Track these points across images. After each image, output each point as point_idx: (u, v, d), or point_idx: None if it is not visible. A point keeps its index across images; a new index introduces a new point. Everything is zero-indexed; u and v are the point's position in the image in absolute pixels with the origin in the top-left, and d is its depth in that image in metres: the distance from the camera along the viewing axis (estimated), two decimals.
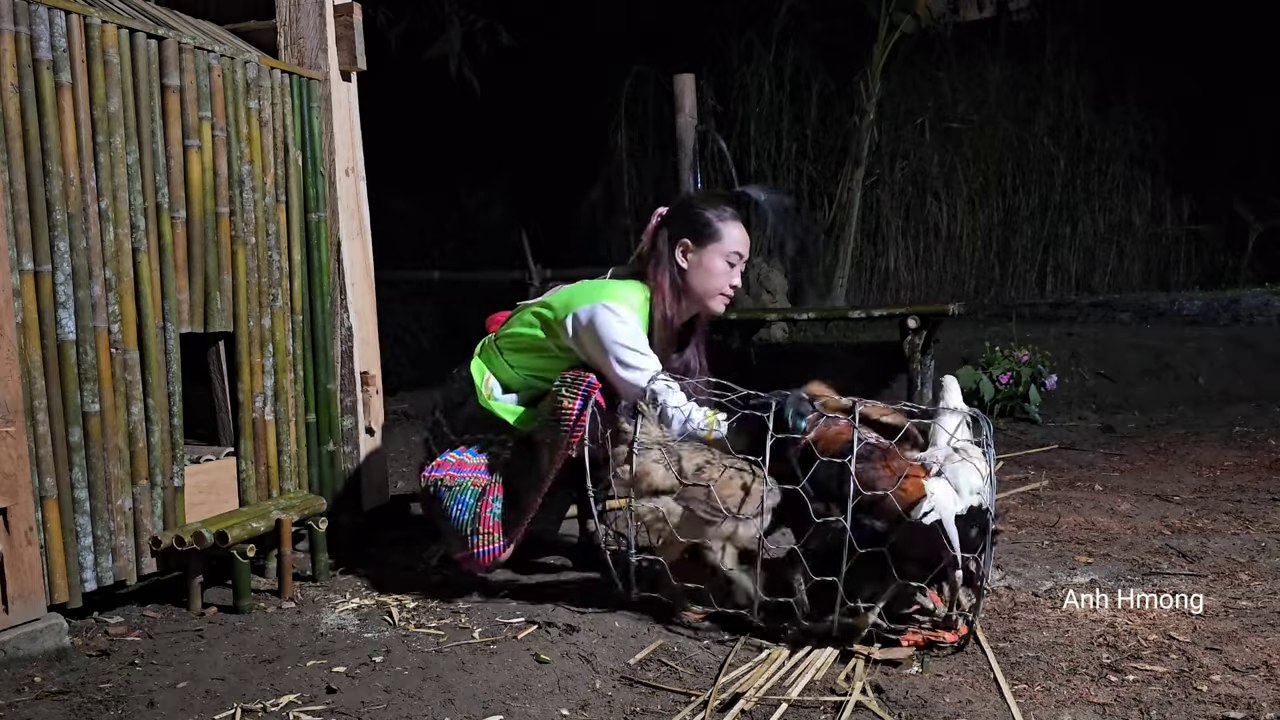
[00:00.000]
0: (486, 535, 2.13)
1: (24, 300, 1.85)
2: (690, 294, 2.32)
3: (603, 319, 2.18)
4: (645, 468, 1.97)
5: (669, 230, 2.32)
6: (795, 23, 7.84)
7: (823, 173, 7.82)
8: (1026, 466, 3.60)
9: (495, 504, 2.14)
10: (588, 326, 2.20)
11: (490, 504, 2.14)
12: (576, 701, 1.65)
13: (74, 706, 1.62)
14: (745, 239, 2.34)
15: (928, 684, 1.70)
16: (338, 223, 2.64)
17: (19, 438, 1.79)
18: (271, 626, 2.02)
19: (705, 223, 2.30)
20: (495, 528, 2.13)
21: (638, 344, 2.19)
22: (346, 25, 2.65)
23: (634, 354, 2.17)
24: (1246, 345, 5.40)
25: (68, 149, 1.92)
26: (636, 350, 2.18)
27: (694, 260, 2.30)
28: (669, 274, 2.30)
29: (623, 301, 2.22)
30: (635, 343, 2.18)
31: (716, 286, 2.31)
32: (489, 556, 2.12)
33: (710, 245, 2.29)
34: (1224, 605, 2.03)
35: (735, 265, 2.31)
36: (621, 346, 2.17)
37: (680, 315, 2.34)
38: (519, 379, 2.33)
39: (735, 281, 2.33)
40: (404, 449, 4.12)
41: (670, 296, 2.30)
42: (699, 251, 2.29)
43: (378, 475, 2.79)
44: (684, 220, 2.32)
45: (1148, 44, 7.64)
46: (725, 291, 2.33)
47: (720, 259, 2.29)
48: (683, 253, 2.30)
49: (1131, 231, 8.03)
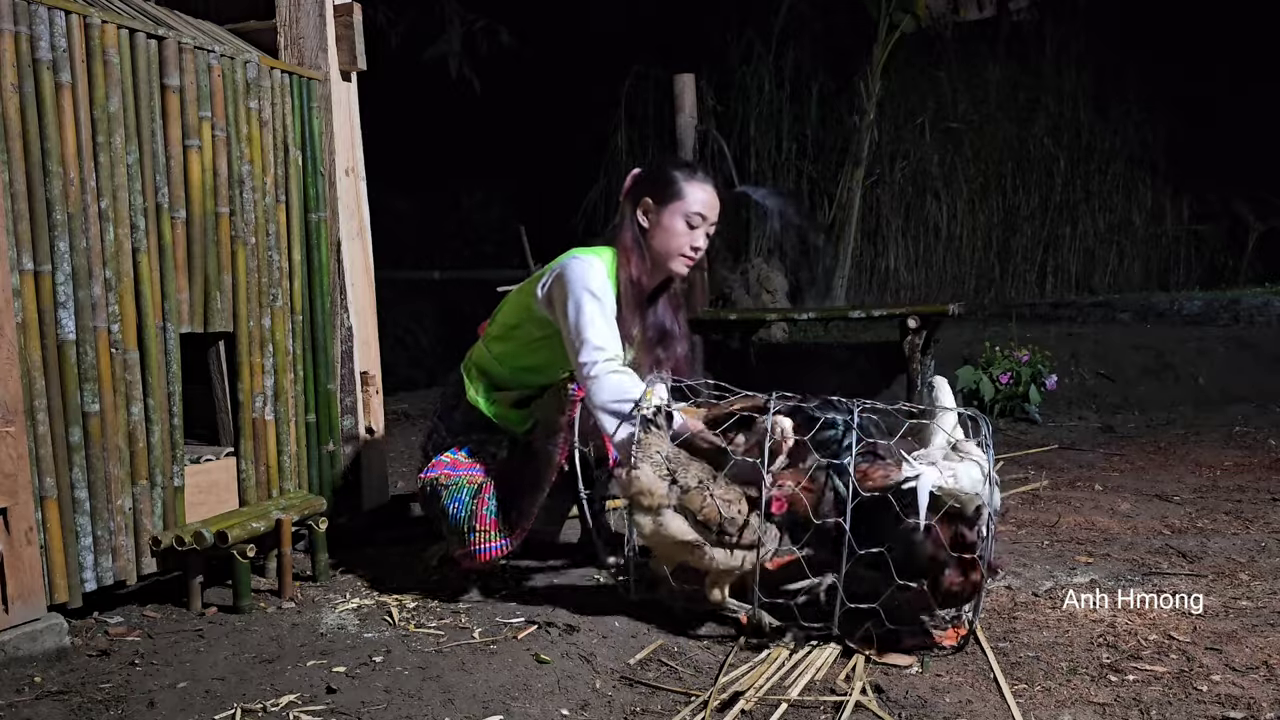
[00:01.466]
0: (484, 533, 2.13)
1: (24, 300, 1.85)
2: (652, 254, 2.27)
3: (573, 267, 2.19)
4: (648, 484, 1.91)
5: (635, 189, 2.31)
6: (795, 22, 7.84)
7: (823, 173, 7.82)
8: (1026, 466, 3.60)
9: (491, 501, 2.15)
10: (558, 278, 2.19)
11: (486, 501, 2.15)
12: (576, 701, 1.65)
13: (74, 706, 1.62)
14: (711, 200, 2.27)
15: (928, 684, 1.70)
16: (338, 223, 2.64)
17: (19, 438, 1.79)
18: (271, 626, 2.02)
19: (668, 181, 2.26)
20: (492, 525, 2.13)
21: (604, 294, 2.16)
22: (346, 25, 2.65)
23: (596, 304, 2.14)
24: (1246, 345, 5.40)
25: (68, 149, 1.92)
26: (599, 300, 2.15)
27: (654, 219, 2.27)
28: (631, 233, 2.28)
29: (595, 255, 2.23)
30: (602, 292, 2.16)
31: (676, 247, 2.26)
32: (488, 554, 2.12)
33: (671, 204, 2.25)
34: (1224, 605, 2.03)
35: (698, 227, 2.25)
36: (588, 293, 2.14)
37: (647, 275, 2.30)
38: (508, 375, 2.33)
39: (697, 243, 2.28)
40: (404, 449, 4.11)
41: (634, 256, 2.26)
42: (659, 210, 2.26)
43: (378, 475, 2.79)
44: (650, 179, 2.30)
45: (1148, 44, 7.64)
46: (685, 253, 2.28)
47: (680, 219, 2.25)
48: (644, 211, 2.27)
49: (1131, 231, 8.03)
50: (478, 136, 8.29)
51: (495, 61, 7.92)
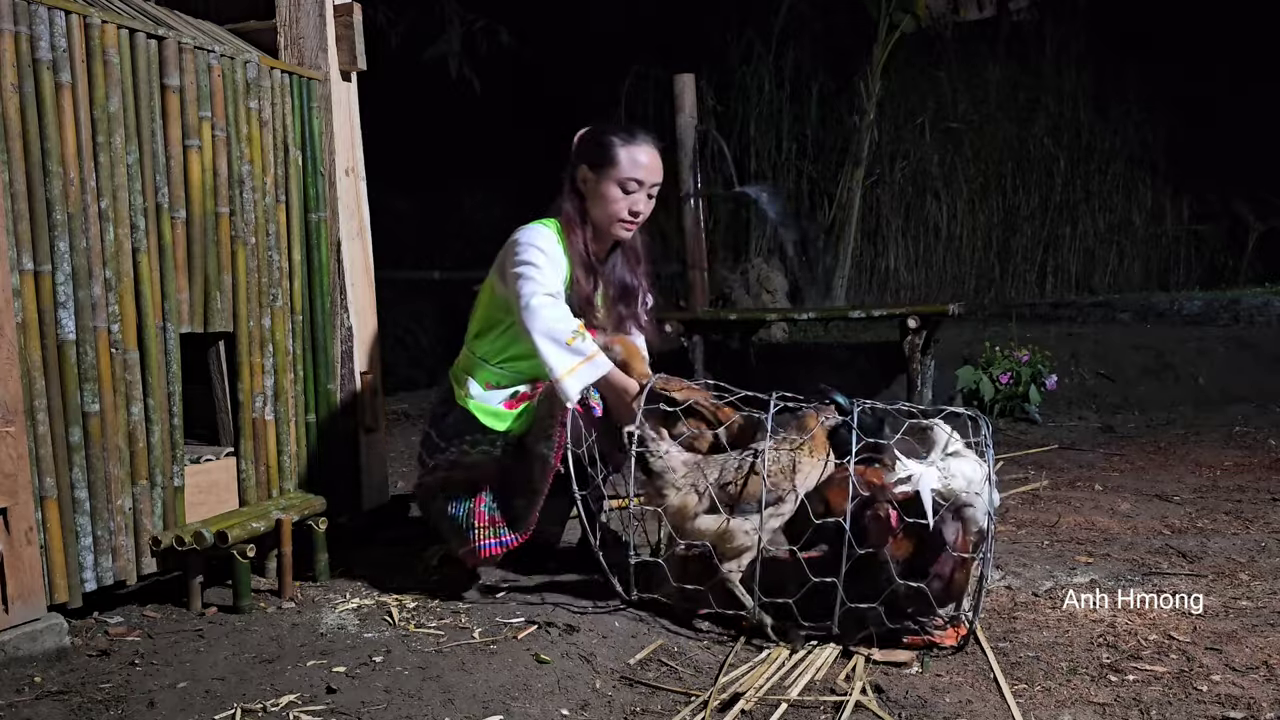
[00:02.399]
0: (483, 529, 2.15)
1: (24, 300, 1.85)
2: (593, 221, 2.28)
3: (519, 234, 2.23)
4: (683, 503, 1.95)
5: (574, 158, 2.31)
6: (795, 22, 7.84)
7: (823, 173, 7.82)
8: (1026, 466, 3.60)
9: (488, 499, 2.16)
10: (506, 247, 2.23)
11: (483, 499, 2.16)
12: (576, 701, 1.65)
13: (74, 706, 1.62)
14: (649, 163, 2.26)
15: (928, 684, 1.70)
16: (338, 223, 2.64)
17: (19, 438, 1.79)
18: (271, 626, 2.02)
19: (603, 147, 2.25)
20: (491, 521, 2.14)
21: (549, 250, 2.19)
22: (346, 25, 2.65)
23: (540, 254, 2.16)
24: (1246, 345, 5.40)
25: (68, 149, 1.92)
26: (544, 252, 2.17)
27: (592, 188, 2.27)
28: (571, 201, 2.29)
29: (541, 224, 2.26)
30: (548, 248, 2.19)
31: (613, 214, 2.26)
32: (488, 551, 2.13)
33: (607, 170, 2.24)
34: (1224, 605, 2.03)
35: (634, 192, 2.25)
36: (533, 248, 2.17)
37: (594, 243, 2.31)
38: (498, 370, 2.33)
39: (636, 208, 2.27)
40: (404, 449, 4.11)
41: (577, 226, 2.28)
42: (597, 179, 2.26)
43: (378, 475, 2.79)
44: (586, 146, 2.30)
45: (1148, 44, 7.63)
46: (623, 219, 2.27)
47: (615, 185, 2.24)
48: (582, 180, 2.28)
49: (1131, 231, 8.03)
50: (478, 136, 8.28)
51: (495, 61, 7.91)
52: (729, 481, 1.94)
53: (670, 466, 1.98)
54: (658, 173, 2.29)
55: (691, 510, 1.94)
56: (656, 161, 2.29)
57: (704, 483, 1.95)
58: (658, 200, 2.36)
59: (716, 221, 7.61)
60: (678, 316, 5.29)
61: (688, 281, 5.65)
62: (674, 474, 1.97)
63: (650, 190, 2.29)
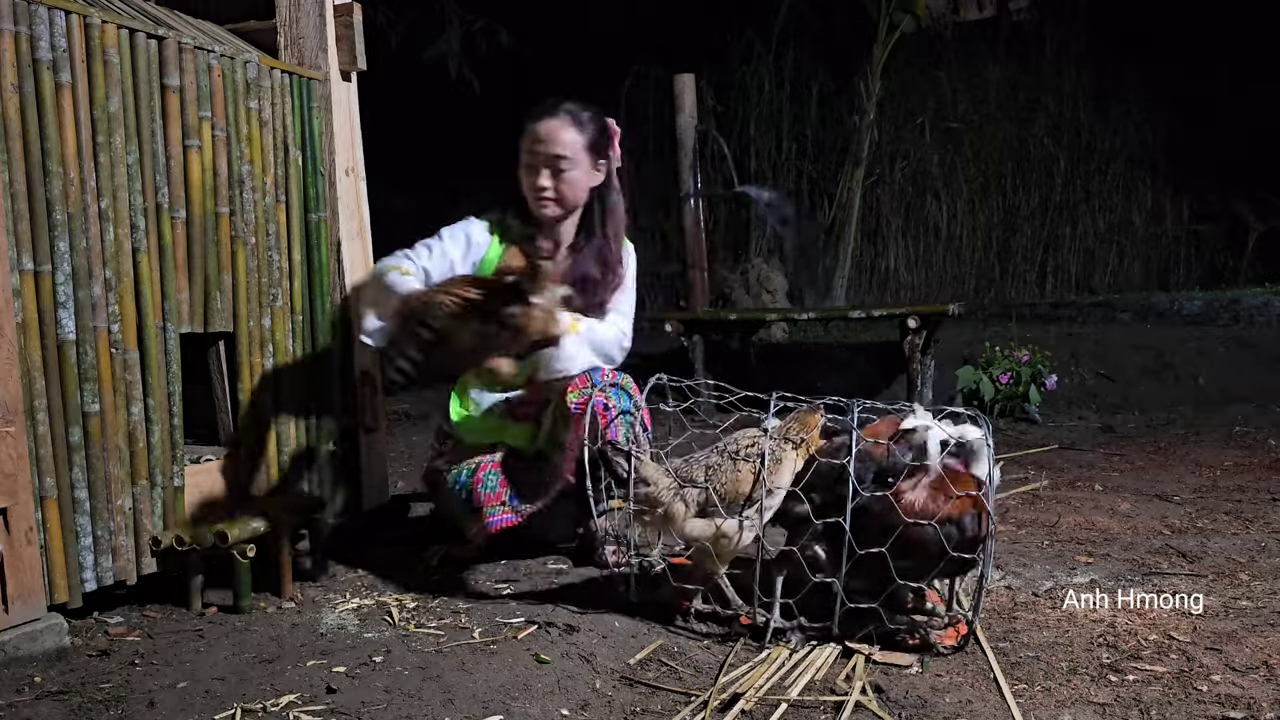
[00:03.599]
0: (484, 508, 2.21)
1: (24, 300, 1.85)
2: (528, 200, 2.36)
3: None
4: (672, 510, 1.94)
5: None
6: (795, 23, 7.85)
7: (823, 173, 7.83)
8: (1026, 466, 3.60)
9: (489, 478, 2.21)
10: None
11: (482, 479, 2.21)
12: (576, 701, 1.65)
13: (74, 706, 1.62)
14: (546, 134, 2.27)
15: (928, 684, 1.70)
16: (338, 223, 2.64)
17: (19, 438, 1.79)
18: (271, 626, 2.02)
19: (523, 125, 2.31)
20: (488, 499, 2.20)
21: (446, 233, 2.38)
22: (346, 25, 2.65)
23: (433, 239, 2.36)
24: (1246, 345, 5.40)
25: (68, 149, 1.92)
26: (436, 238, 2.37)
27: (521, 164, 2.34)
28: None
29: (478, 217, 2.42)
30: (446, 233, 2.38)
31: (528, 189, 2.32)
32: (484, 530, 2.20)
33: (522, 147, 2.31)
34: (1224, 605, 2.03)
35: (539, 166, 2.27)
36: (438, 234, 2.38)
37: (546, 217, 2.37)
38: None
39: (540, 182, 2.29)
40: (404, 449, 4.12)
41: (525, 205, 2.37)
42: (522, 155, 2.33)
43: (378, 475, 2.79)
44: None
45: (1148, 44, 7.64)
46: (534, 196, 2.32)
47: (526, 160, 2.29)
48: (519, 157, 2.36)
49: (1131, 231, 8.03)
50: (478, 136, 8.28)
51: (495, 61, 7.92)
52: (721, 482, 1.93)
53: (646, 477, 1.96)
54: (556, 144, 2.28)
55: (680, 516, 1.93)
56: (555, 134, 2.27)
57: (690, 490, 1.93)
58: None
59: (716, 221, 7.61)
60: (678, 316, 5.29)
61: (688, 281, 5.66)
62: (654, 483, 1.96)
63: (551, 163, 2.28)
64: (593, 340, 2.20)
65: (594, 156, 2.34)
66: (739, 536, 1.90)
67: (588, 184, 2.34)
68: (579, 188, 2.32)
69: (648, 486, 1.93)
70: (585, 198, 2.35)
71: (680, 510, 1.93)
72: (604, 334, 2.24)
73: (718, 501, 1.89)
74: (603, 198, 2.38)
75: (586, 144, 2.31)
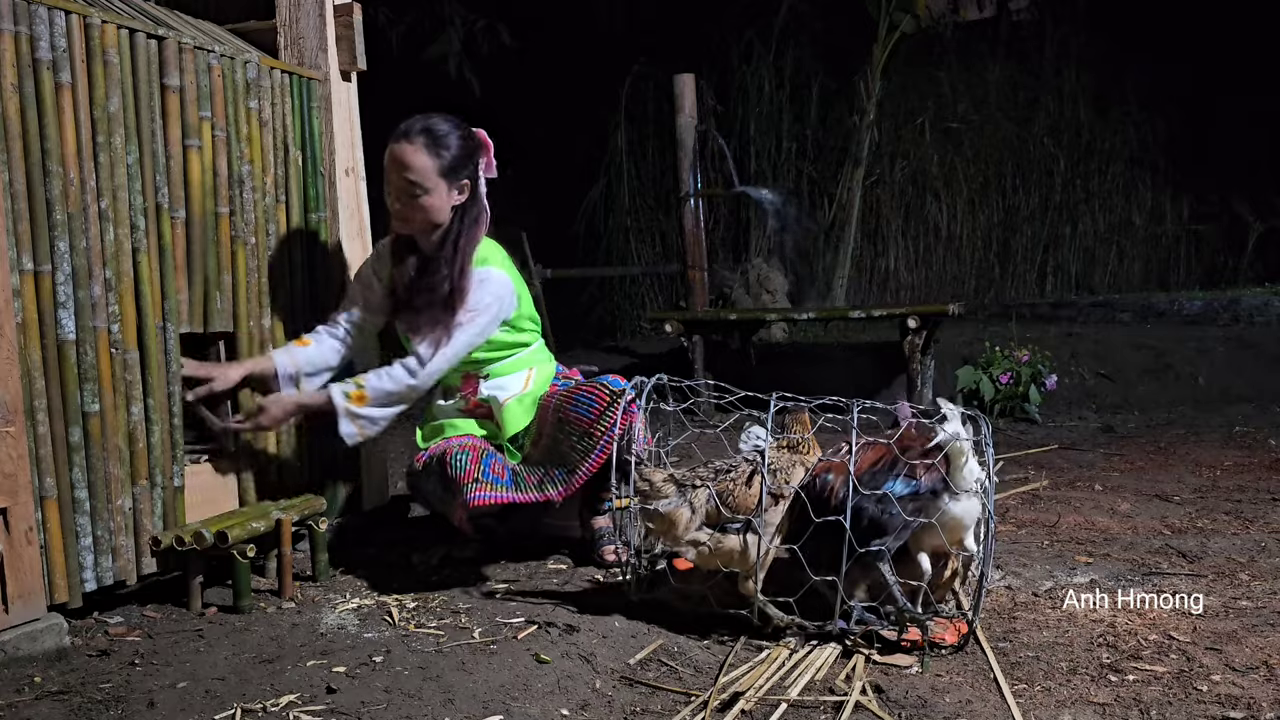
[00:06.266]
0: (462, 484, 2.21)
1: (24, 300, 1.85)
2: None
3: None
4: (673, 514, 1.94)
5: None
6: (795, 23, 7.84)
7: (823, 173, 7.82)
8: (1026, 466, 3.60)
9: (459, 458, 2.23)
10: None
11: (450, 461, 2.24)
12: (576, 701, 1.65)
13: (74, 706, 1.62)
14: (394, 159, 2.24)
15: (928, 684, 1.70)
16: (338, 223, 2.64)
17: (19, 438, 1.79)
18: (271, 626, 2.02)
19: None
20: (462, 478, 2.21)
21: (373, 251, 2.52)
22: (346, 25, 2.65)
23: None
24: (1246, 345, 5.40)
25: (68, 149, 1.92)
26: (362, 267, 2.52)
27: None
28: None
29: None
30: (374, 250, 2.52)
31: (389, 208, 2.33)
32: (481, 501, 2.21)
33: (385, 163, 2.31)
34: (1224, 605, 2.03)
35: (392, 190, 2.27)
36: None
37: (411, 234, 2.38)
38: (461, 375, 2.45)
39: (394, 206, 2.28)
40: (404, 449, 4.11)
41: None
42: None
43: (378, 475, 2.79)
44: None
45: (1148, 44, 7.64)
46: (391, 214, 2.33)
47: (386, 178, 2.29)
48: None
49: (1131, 231, 8.03)
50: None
51: (495, 61, 7.91)
52: (727, 492, 1.93)
53: (652, 483, 1.97)
54: (409, 170, 2.24)
55: (684, 523, 1.94)
56: (409, 160, 2.24)
57: (698, 497, 1.94)
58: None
59: (716, 221, 7.61)
60: (678, 316, 5.29)
61: (687, 281, 5.66)
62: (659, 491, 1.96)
63: (404, 188, 2.25)
64: (381, 397, 2.29)
65: (452, 180, 2.28)
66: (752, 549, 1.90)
67: (446, 205, 2.29)
68: (434, 211, 2.28)
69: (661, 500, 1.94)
70: (445, 217, 2.30)
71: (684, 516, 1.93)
72: (389, 385, 2.29)
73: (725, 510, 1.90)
74: (464, 215, 2.33)
75: (442, 169, 2.25)
